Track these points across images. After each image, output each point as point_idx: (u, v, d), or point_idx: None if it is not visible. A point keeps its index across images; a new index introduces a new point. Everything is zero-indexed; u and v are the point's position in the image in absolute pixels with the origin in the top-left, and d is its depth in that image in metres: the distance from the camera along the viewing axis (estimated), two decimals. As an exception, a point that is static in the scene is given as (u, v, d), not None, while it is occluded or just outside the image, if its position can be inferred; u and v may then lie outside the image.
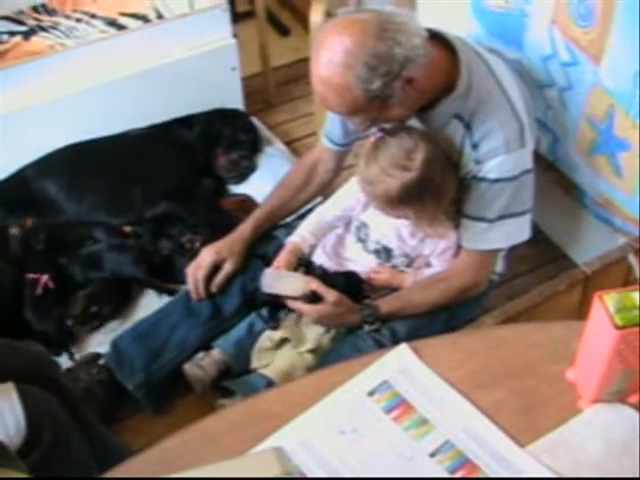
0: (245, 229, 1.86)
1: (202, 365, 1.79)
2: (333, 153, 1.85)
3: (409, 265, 1.71)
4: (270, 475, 0.75)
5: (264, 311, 1.79)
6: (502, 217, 1.56)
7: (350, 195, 1.72)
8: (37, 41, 2.29)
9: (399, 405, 1.13)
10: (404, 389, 1.15)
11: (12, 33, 2.30)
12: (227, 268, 1.80)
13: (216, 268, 1.81)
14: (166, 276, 2.12)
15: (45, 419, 1.22)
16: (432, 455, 1.07)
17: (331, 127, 1.80)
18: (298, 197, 1.90)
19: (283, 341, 1.75)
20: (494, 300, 1.85)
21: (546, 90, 1.80)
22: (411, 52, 1.37)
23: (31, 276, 2.00)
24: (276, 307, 1.74)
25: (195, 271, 1.81)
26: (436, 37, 1.48)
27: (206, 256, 1.81)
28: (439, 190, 1.52)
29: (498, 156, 1.49)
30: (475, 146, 1.51)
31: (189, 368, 1.80)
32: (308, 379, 1.26)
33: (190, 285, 1.81)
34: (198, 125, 2.47)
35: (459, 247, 1.65)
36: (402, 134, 1.49)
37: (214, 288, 1.81)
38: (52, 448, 1.19)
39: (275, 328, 1.75)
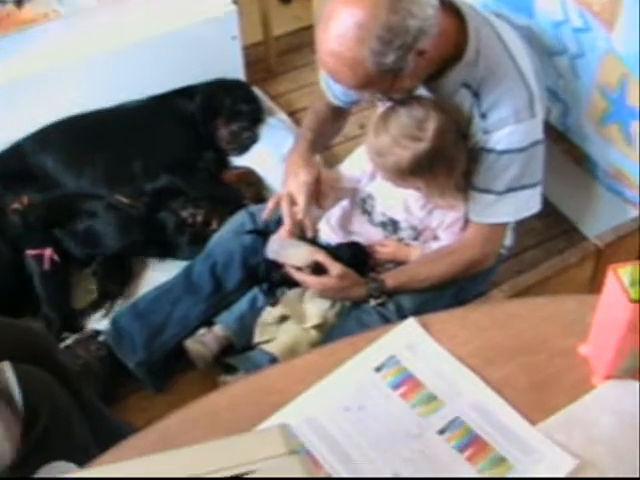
0: (301, 149, 1.74)
1: (204, 341, 1.79)
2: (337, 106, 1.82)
3: (416, 238, 1.70)
4: (274, 453, 0.74)
5: (265, 286, 1.78)
6: (511, 189, 1.55)
7: (356, 167, 1.70)
8: (30, 9, 2.25)
9: (407, 381, 1.12)
10: (412, 364, 1.14)
11: (3, 1, 2.26)
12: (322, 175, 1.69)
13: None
14: (164, 254, 2.11)
15: (43, 399, 1.20)
16: (441, 432, 1.06)
17: (330, 86, 1.77)
18: (332, 129, 1.88)
19: (284, 317, 1.75)
20: (502, 274, 1.85)
21: (557, 58, 1.78)
22: (424, 23, 1.34)
23: (32, 252, 1.98)
24: (277, 283, 1.73)
25: (292, 197, 1.65)
26: (444, 3, 1.45)
27: (295, 181, 1.65)
28: (451, 161, 1.51)
29: (507, 126, 1.48)
30: (484, 116, 1.49)
31: (191, 344, 1.80)
32: (312, 355, 1.24)
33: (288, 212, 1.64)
34: (198, 96, 2.46)
35: (467, 220, 1.64)
36: (413, 103, 1.48)
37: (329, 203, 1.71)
38: (51, 428, 1.18)
39: (274, 304, 1.74)
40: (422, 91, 1.55)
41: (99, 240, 2.06)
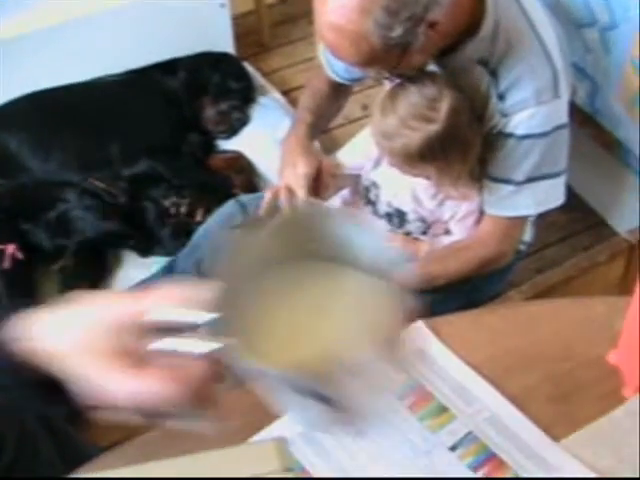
0: (299, 135, 1.76)
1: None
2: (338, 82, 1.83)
3: (425, 232, 1.70)
4: (266, 469, 0.73)
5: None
6: (531, 179, 1.55)
7: (359, 152, 1.70)
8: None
9: (414, 391, 1.11)
10: (420, 373, 1.13)
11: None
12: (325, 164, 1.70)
13: None
14: (142, 248, 2.11)
15: (6, 421, 1.19)
16: (452, 449, 1.05)
17: (330, 61, 1.77)
18: (331, 109, 1.89)
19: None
20: (521, 273, 1.85)
21: (586, 30, 1.78)
22: None
23: (-6, 248, 1.98)
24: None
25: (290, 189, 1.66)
26: None
27: (293, 171, 1.67)
28: (465, 145, 1.51)
29: (527, 108, 1.48)
30: (501, 96, 1.49)
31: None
32: (309, 362, 1.24)
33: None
34: (182, 71, 2.46)
35: (482, 212, 1.64)
36: (424, 80, 1.47)
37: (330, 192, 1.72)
38: (17, 453, 1.17)
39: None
40: (433, 68, 1.54)
41: (73, 228, 2.05)
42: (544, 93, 1.47)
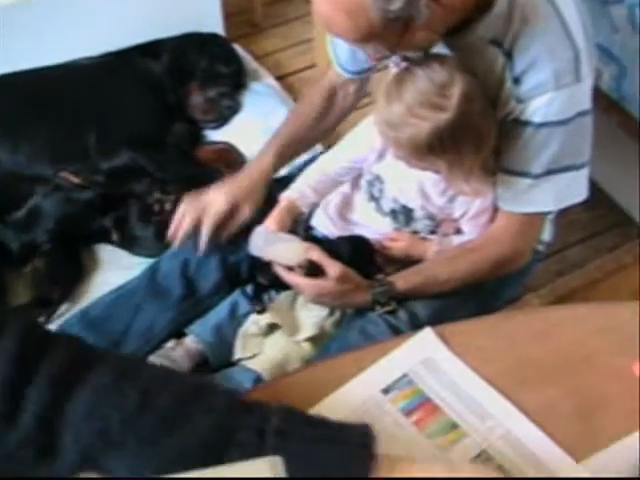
0: (263, 162, 1.82)
1: (172, 357, 1.79)
2: (349, 80, 1.86)
3: (434, 231, 1.71)
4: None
5: (249, 288, 1.78)
6: (550, 172, 1.55)
7: (362, 142, 1.70)
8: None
9: (422, 405, 1.12)
10: (428, 385, 1.14)
11: None
12: (244, 215, 1.77)
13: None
14: (123, 248, 2.12)
15: None
16: (464, 469, 1.06)
17: (335, 51, 1.78)
18: (319, 126, 1.91)
19: (273, 327, 1.75)
20: (540, 276, 1.85)
21: (612, 7, 1.78)
22: None
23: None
24: (263, 285, 1.73)
25: (200, 215, 1.75)
26: None
27: (217, 198, 1.76)
28: (479, 135, 1.50)
29: (546, 93, 1.47)
30: (517, 80, 1.49)
31: (156, 361, 1.79)
32: (306, 373, 1.25)
33: (182, 233, 1.76)
34: (166, 54, 2.47)
35: (497, 209, 1.64)
36: (433, 64, 1.47)
37: (225, 238, 1.78)
38: None
39: (261, 312, 1.75)
40: (442, 50, 1.54)
41: (43, 226, 2.05)
42: (564, 76, 1.47)
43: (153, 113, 2.39)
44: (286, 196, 1.76)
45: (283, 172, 1.92)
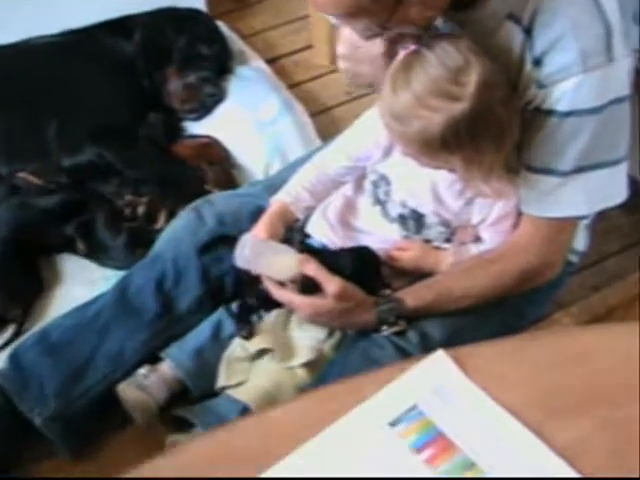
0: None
1: (146, 385, 1.79)
2: None
3: (449, 239, 1.72)
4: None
5: (235, 306, 1.79)
6: (581, 169, 1.54)
7: (365, 137, 1.71)
8: None
9: (434, 440, 1.13)
10: (441, 417, 1.15)
11: None
12: None
13: None
14: (89, 259, 2.12)
15: None
16: (482, 513, 1.07)
17: None
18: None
19: (263, 350, 1.76)
20: (572, 291, 1.85)
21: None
22: None
23: None
24: (251, 303, 1.75)
25: None
26: None
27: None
28: (500, 128, 1.49)
29: (572, 76, 1.46)
30: (538, 62, 1.49)
31: (126, 390, 1.80)
32: (300, 404, 1.26)
33: None
34: (138, 32, 2.47)
35: (521, 213, 1.65)
36: (445, 46, 1.47)
37: None
38: None
39: (248, 338, 1.75)
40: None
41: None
42: (593, 56, 1.46)
43: (123, 101, 2.39)
44: (278, 199, 1.76)
45: (274, 172, 1.92)
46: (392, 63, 1.53)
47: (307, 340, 1.73)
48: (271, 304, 1.71)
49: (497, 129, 1.50)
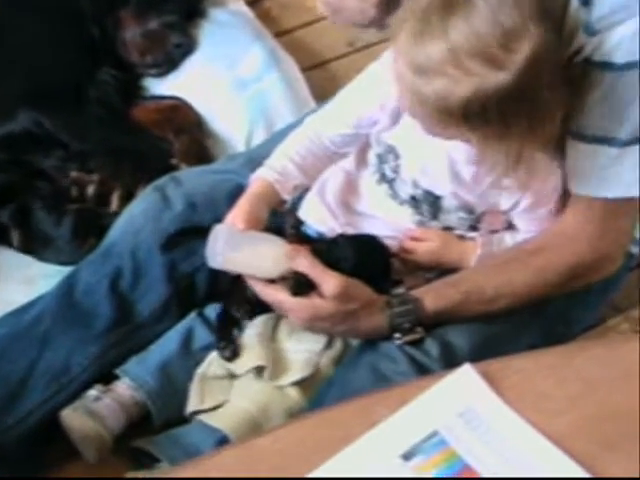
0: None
1: (97, 410, 1.80)
2: None
3: (474, 227, 1.72)
4: None
5: (211, 313, 1.80)
6: None
7: (368, 97, 1.71)
8: None
9: (459, 474, 1.13)
10: (468, 447, 1.15)
11: None
12: None
13: None
14: (25, 252, 2.13)
15: None
16: None
17: None
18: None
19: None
20: (631, 291, 1.86)
21: None
22: None
23: None
24: (233, 318, 1.77)
25: None
26: None
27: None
28: (540, 111, 1.48)
29: (629, 19, 1.47)
30: (587, 1, 1.50)
31: (72, 417, 1.80)
32: (293, 432, 1.26)
33: None
34: (85, -31, 2.47)
35: (565, 195, 1.66)
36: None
37: None
38: None
39: (231, 358, 1.75)
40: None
41: None
42: None
43: (67, 55, 2.40)
44: (259, 176, 1.74)
45: (257, 142, 1.92)
46: None
47: (300, 353, 1.74)
48: (261, 310, 1.73)
49: (536, 112, 1.48)
